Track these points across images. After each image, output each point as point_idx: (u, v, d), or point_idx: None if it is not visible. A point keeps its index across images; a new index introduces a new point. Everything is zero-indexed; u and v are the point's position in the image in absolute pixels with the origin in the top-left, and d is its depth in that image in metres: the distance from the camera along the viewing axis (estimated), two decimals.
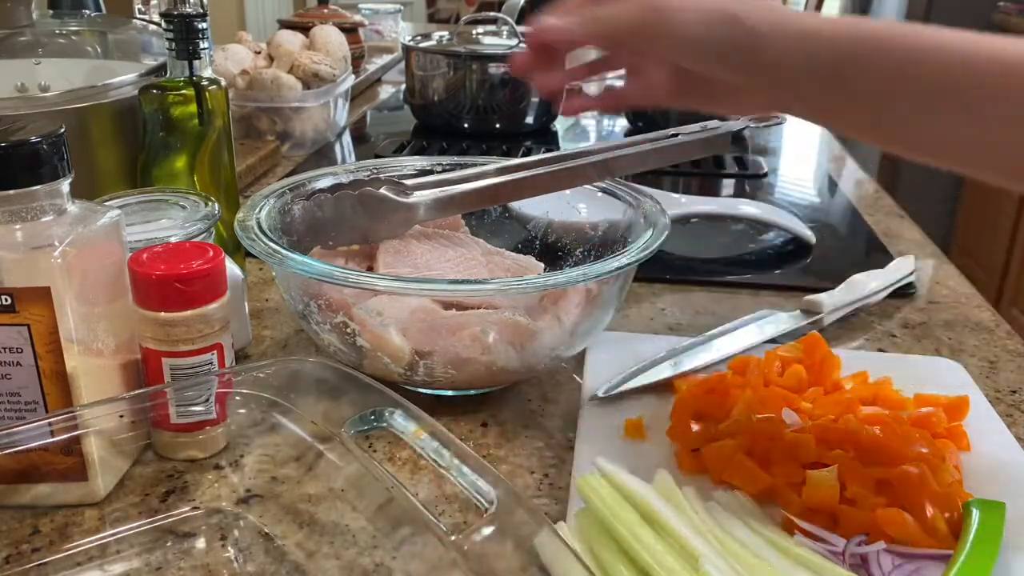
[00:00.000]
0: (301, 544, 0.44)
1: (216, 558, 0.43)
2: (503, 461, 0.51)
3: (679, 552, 0.37)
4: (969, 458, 0.49)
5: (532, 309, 0.55)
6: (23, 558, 0.43)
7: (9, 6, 0.84)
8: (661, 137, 0.64)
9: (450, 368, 0.53)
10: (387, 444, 0.52)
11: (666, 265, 0.79)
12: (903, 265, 0.75)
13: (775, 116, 0.75)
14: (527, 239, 0.70)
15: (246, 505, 0.47)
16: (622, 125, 1.38)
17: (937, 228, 2.65)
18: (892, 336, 0.68)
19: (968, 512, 0.42)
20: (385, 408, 0.43)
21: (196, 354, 0.48)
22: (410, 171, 0.67)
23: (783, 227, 0.85)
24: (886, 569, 0.40)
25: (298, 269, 0.51)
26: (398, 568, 0.42)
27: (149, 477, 0.49)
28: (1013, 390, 0.61)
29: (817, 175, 1.18)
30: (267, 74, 1.11)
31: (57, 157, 0.43)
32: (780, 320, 0.66)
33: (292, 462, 0.49)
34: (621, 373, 0.57)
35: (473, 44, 1.29)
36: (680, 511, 0.40)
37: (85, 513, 0.46)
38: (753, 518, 0.42)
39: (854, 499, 0.44)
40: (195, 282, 0.47)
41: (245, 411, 0.49)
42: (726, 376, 0.54)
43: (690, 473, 0.48)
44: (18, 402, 0.45)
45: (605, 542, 0.39)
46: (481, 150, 1.18)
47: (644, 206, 0.62)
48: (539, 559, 0.34)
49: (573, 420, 0.55)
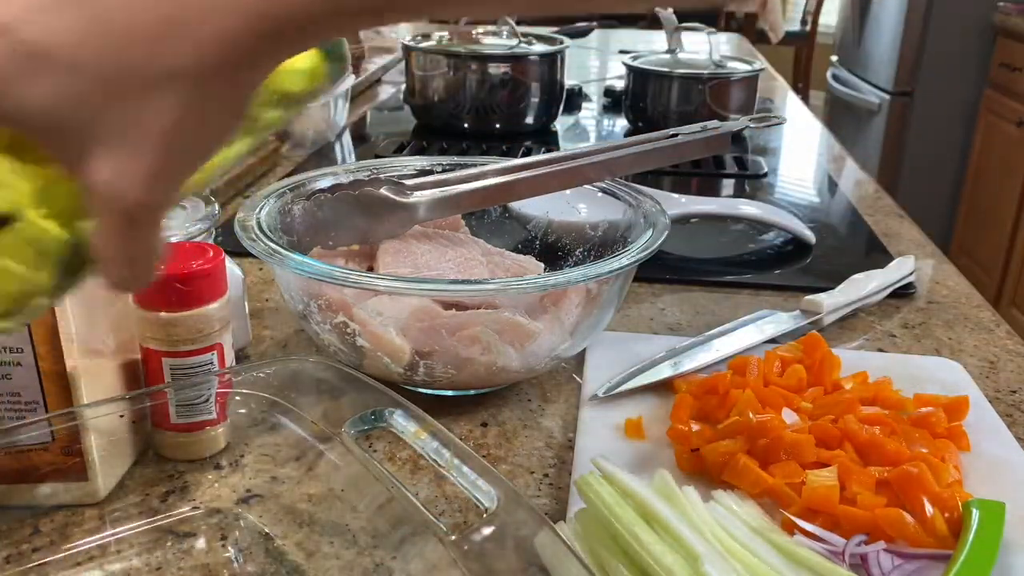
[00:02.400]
0: (301, 544, 0.44)
1: (216, 558, 0.43)
2: (503, 461, 0.51)
3: (679, 552, 0.37)
4: (969, 458, 0.49)
5: (532, 309, 0.55)
6: (23, 558, 0.43)
7: None
8: (661, 137, 0.64)
9: (450, 368, 0.53)
10: (387, 444, 0.52)
11: (666, 265, 0.79)
12: (903, 265, 0.75)
13: (775, 116, 0.75)
14: (527, 239, 0.70)
15: (246, 505, 0.47)
16: (622, 125, 1.38)
17: (937, 228, 2.65)
18: (892, 336, 0.68)
19: (968, 512, 0.42)
20: (385, 408, 0.43)
21: (196, 354, 0.48)
22: (410, 171, 0.67)
23: (783, 227, 0.85)
24: (886, 569, 0.40)
25: (298, 269, 0.51)
26: (398, 568, 0.42)
27: (149, 477, 0.49)
28: (1013, 390, 0.61)
29: (817, 175, 1.18)
30: None
31: None
32: (780, 320, 0.66)
33: (292, 462, 0.49)
34: (621, 373, 0.57)
35: (473, 44, 1.29)
36: (680, 511, 0.40)
37: (85, 513, 0.46)
38: (753, 518, 0.42)
39: (854, 499, 0.44)
40: (195, 282, 0.47)
41: (245, 411, 0.49)
42: (726, 376, 0.54)
43: (690, 473, 0.48)
44: (18, 402, 0.45)
45: (605, 542, 0.39)
46: (481, 150, 1.18)
47: (644, 206, 0.62)
48: (539, 559, 0.34)
49: (573, 420, 0.55)
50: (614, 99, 1.49)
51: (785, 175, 1.14)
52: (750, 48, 2.25)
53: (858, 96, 3.10)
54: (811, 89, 4.05)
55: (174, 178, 0.30)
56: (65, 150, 0.29)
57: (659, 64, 1.29)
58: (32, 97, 0.27)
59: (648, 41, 2.20)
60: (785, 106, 1.59)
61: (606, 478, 0.40)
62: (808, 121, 1.49)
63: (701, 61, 1.30)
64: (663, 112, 1.27)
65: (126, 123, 0.28)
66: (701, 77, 1.25)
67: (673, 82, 1.26)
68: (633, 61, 1.30)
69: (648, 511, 0.38)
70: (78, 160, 0.29)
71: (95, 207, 0.30)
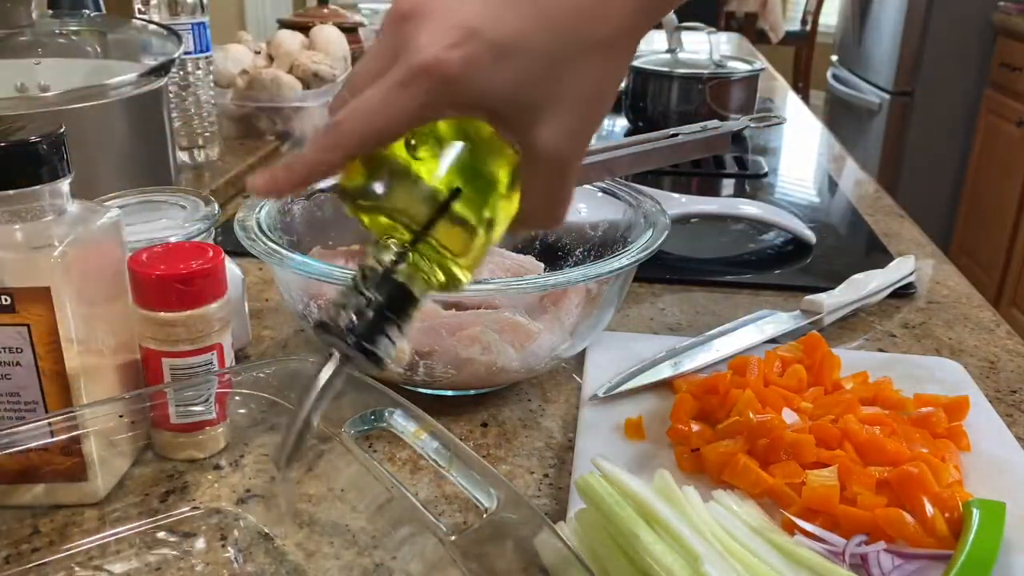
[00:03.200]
0: (301, 544, 0.44)
1: (216, 558, 0.43)
2: (503, 461, 0.51)
3: (679, 552, 0.37)
4: (969, 458, 0.49)
5: (532, 309, 0.55)
6: (23, 558, 0.43)
7: (9, 6, 0.84)
8: (661, 137, 0.64)
9: (450, 368, 0.53)
10: (387, 444, 0.52)
11: (666, 265, 0.79)
12: (903, 265, 0.75)
13: (775, 116, 0.75)
14: (527, 239, 0.70)
15: (246, 505, 0.47)
16: (622, 125, 1.38)
17: (937, 228, 2.65)
18: (892, 336, 0.68)
19: (968, 512, 0.42)
20: (385, 408, 0.43)
21: (196, 354, 0.48)
22: None
23: (783, 227, 0.85)
24: (886, 569, 0.40)
25: (298, 269, 0.51)
26: (398, 568, 0.42)
27: (149, 477, 0.49)
28: (1013, 390, 0.61)
29: (817, 175, 1.18)
30: (267, 74, 1.11)
31: (57, 157, 0.43)
32: (780, 320, 0.66)
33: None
34: (621, 373, 0.57)
35: None
36: (680, 511, 0.40)
37: (85, 513, 0.46)
38: (753, 518, 0.42)
39: (854, 499, 0.44)
40: (195, 282, 0.47)
41: (245, 411, 0.49)
42: (726, 376, 0.54)
43: (690, 473, 0.48)
44: (18, 402, 0.45)
45: (605, 542, 0.39)
46: None
47: (644, 206, 0.62)
48: (539, 559, 0.34)
49: (573, 420, 0.55)
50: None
51: (785, 175, 1.14)
52: (750, 48, 2.25)
53: (858, 96, 3.10)
54: (811, 89, 4.06)
55: (591, 133, 0.36)
56: (518, 123, 0.34)
57: (659, 64, 1.29)
58: (500, 83, 0.33)
59: (648, 41, 2.20)
60: (785, 106, 1.59)
61: (606, 478, 0.40)
62: (808, 121, 1.49)
63: (701, 61, 1.30)
64: (663, 112, 1.27)
65: (563, 90, 0.34)
66: (701, 77, 1.25)
67: (673, 82, 1.26)
68: (633, 60, 1.30)
69: (648, 511, 0.38)
70: (526, 129, 0.34)
71: (535, 167, 0.35)
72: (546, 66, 0.33)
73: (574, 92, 0.34)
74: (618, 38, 0.34)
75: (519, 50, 0.33)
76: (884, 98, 2.89)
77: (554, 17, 0.33)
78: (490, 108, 0.34)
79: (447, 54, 0.32)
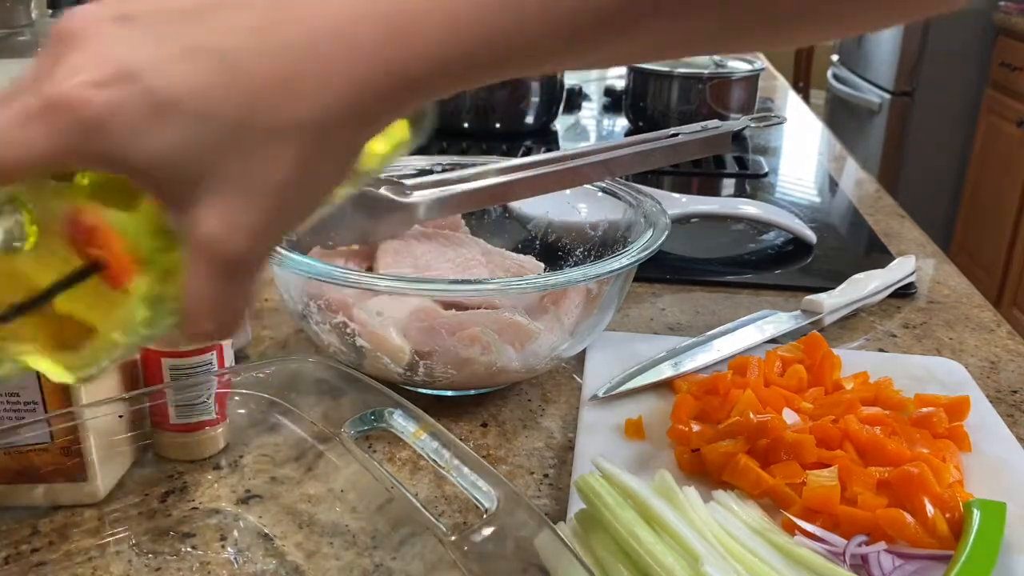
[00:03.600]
0: (301, 544, 0.44)
1: (216, 558, 0.43)
2: (503, 461, 0.51)
3: (679, 552, 0.37)
4: (970, 458, 0.49)
5: (532, 309, 0.55)
6: (23, 558, 0.43)
7: (9, 6, 0.84)
8: (661, 137, 0.64)
9: (450, 368, 0.53)
10: (387, 444, 0.52)
11: (666, 265, 0.78)
12: (903, 265, 0.75)
13: (776, 116, 0.75)
14: (527, 239, 0.70)
15: (246, 505, 0.47)
16: (622, 125, 1.37)
17: (937, 228, 2.65)
18: (892, 336, 0.68)
19: (969, 512, 0.42)
20: (385, 408, 0.43)
21: (196, 354, 0.48)
22: (410, 171, 0.67)
23: (783, 227, 0.85)
24: (887, 569, 0.40)
25: (298, 269, 0.51)
26: (398, 568, 0.42)
27: (149, 477, 0.49)
28: (1014, 390, 0.61)
29: (817, 175, 1.18)
30: None
31: None
32: (780, 320, 0.66)
33: (292, 462, 0.49)
34: (621, 373, 0.57)
35: None
36: (680, 511, 0.40)
37: (85, 513, 0.46)
38: (753, 518, 0.42)
39: (854, 499, 0.44)
40: None
41: (245, 411, 0.49)
42: (726, 376, 0.54)
43: (690, 473, 0.48)
44: (18, 402, 0.45)
45: (605, 542, 0.39)
46: (481, 150, 1.18)
47: (644, 206, 0.62)
48: (539, 559, 0.34)
49: (573, 420, 0.55)
50: (614, 99, 1.49)
51: (786, 175, 1.14)
52: None
53: (859, 96, 3.10)
54: (812, 88, 4.05)
55: (279, 231, 0.29)
56: (174, 197, 0.28)
57: (659, 63, 1.29)
58: (155, 145, 0.27)
59: None
60: (786, 105, 1.59)
61: (606, 478, 0.40)
62: (809, 121, 1.49)
63: (701, 60, 1.30)
64: (663, 111, 1.27)
65: (242, 173, 0.27)
66: (701, 76, 1.24)
67: (673, 81, 1.26)
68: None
69: (648, 511, 0.38)
70: (185, 208, 0.28)
71: (193, 256, 0.28)
72: (222, 139, 0.27)
73: (258, 178, 0.27)
74: (331, 123, 0.28)
75: (190, 111, 0.26)
76: (885, 98, 2.89)
77: (242, 83, 0.27)
78: (138, 171, 0.27)
79: (86, 92, 0.26)
